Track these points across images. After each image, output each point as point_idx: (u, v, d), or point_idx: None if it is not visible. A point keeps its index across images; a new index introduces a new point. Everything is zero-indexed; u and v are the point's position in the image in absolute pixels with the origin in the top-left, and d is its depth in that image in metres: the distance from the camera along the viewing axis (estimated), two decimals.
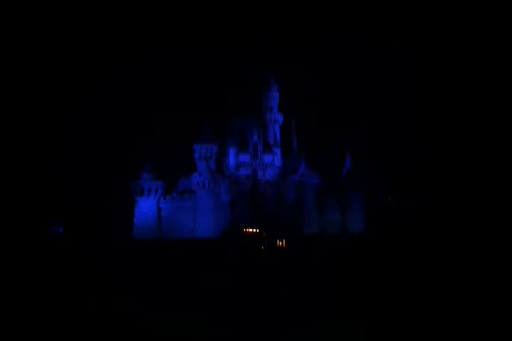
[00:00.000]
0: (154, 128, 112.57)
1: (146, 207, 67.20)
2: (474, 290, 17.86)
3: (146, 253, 45.42)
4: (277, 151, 73.31)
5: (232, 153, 71.67)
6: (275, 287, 20.07)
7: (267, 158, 72.06)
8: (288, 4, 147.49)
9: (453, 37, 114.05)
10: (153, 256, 42.85)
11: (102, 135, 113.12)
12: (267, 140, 73.41)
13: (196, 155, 74.95)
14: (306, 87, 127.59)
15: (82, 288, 20.03)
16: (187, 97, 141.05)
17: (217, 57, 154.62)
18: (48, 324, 12.97)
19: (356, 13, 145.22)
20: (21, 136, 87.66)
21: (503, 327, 11.59)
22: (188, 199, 67.38)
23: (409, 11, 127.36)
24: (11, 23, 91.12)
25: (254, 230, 48.18)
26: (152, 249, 48.90)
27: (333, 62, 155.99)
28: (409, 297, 16.59)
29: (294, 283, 21.41)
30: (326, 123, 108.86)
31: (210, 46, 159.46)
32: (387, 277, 23.22)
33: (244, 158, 71.44)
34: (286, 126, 78.66)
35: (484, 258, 31.96)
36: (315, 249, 48.63)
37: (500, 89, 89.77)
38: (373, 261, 33.21)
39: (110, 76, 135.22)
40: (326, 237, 60.02)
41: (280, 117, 76.14)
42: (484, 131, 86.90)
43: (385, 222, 67.44)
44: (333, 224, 68.16)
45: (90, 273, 26.23)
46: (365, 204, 71.28)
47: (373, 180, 74.51)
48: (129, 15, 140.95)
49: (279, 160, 72.87)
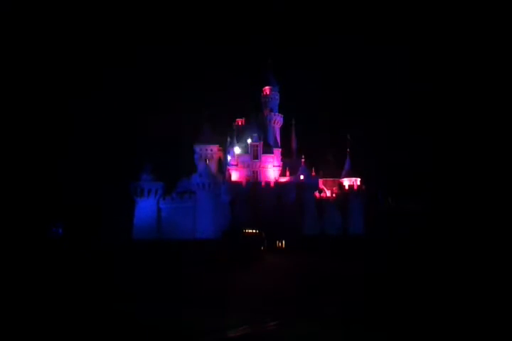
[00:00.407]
0: (154, 129, 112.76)
1: (146, 208, 67.21)
2: (475, 290, 17.88)
3: (146, 253, 45.45)
4: (277, 152, 73.32)
5: (232, 153, 71.70)
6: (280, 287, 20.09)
7: (267, 159, 72.11)
8: (288, 4, 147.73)
9: (453, 37, 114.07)
10: (153, 256, 42.88)
11: (102, 135, 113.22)
12: (266, 140, 73.43)
13: (196, 156, 75.06)
14: (306, 88, 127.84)
15: (81, 288, 20.05)
16: (187, 97, 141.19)
17: (217, 57, 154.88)
18: (48, 324, 13.00)
19: (356, 13, 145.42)
20: (21, 136, 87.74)
21: (503, 327, 11.62)
22: (187, 200, 67.41)
23: (410, 10, 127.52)
24: (11, 23, 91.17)
25: (254, 231, 48.05)
26: (152, 250, 48.93)
27: (334, 62, 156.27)
28: (413, 298, 16.62)
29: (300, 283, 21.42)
30: (325, 123, 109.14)
31: (210, 46, 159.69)
32: (388, 278, 23.26)
33: (244, 158, 71.46)
34: (286, 126, 78.85)
35: (484, 258, 31.99)
36: (315, 250, 48.67)
37: (500, 89, 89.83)
38: (373, 261, 33.26)
39: (110, 76, 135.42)
40: (326, 238, 60.09)
41: (280, 118, 76.20)
42: (484, 131, 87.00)
43: (385, 223, 67.52)
44: (332, 225, 68.24)
45: (90, 274, 26.25)
46: (365, 205, 71.36)
47: (373, 181, 74.65)
48: (129, 14, 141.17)
49: (278, 161, 72.90)
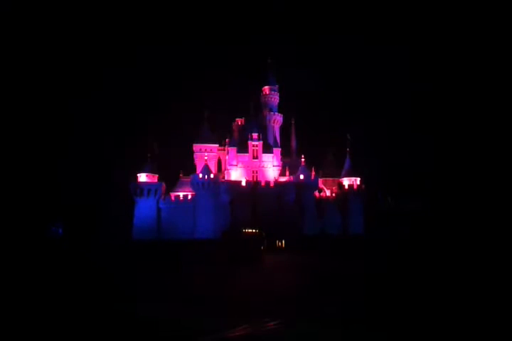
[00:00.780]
0: (154, 129, 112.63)
1: (146, 208, 67.15)
2: (475, 290, 17.86)
3: (146, 253, 45.40)
4: (277, 151, 73.26)
5: (231, 153, 71.63)
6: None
7: (267, 158, 72.07)
8: (288, 4, 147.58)
9: (453, 36, 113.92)
10: (153, 256, 42.84)
11: (102, 135, 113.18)
12: (266, 140, 73.35)
13: (196, 156, 74.98)
14: (306, 87, 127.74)
15: (81, 288, 20.02)
16: (187, 97, 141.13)
17: (217, 57, 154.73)
18: (48, 323, 12.96)
19: (355, 12, 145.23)
20: (21, 136, 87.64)
21: (503, 327, 11.60)
22: (187, 199, 67.42)
23: (410, 9, 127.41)
24: (11, 23, 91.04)
25: (254, 231, 48.06)
26: (151, 250, 48.88)
27: (333, 61, 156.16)
28: (412, 297, 16.60)
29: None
30: (325, 123, 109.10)
31: (210, 46, 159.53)
32: (388, 277, 23.24)
33: (244, 158, 71.42)
34: (285, 126, 78.78)
35: (484, 258, 31.96)
36: (315, 249, 48.66)
37: (500, 89, 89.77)
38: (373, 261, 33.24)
39: (110, 76, 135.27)
40: (326, 237, 60.06)
41: (280, 117, 76.15)
42: (484, 130, 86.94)
43: (385, 223, 67.48)
44: (332, 225, 68.20)
45: (89, 274, 26.21)
46: (365, 204, 71.30)
47: (373, 180, 74.58)
48: (128, 13, 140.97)
49: (278, 161, 72.85)
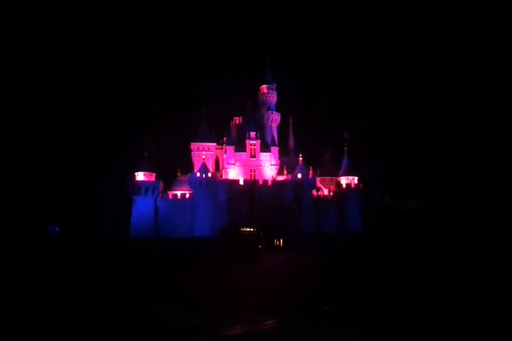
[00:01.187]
0: (152, 127, 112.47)
1: (143, 207, 66.98)
2: (475, 289, 17.88)
3: (143, 252, 45.31)
4: (274, 150, 73.28)
5: (229, 151, 71.58)
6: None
7: (264, 157, 72.08)
8: (288, 4, 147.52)
9: (453, 35, 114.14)
10: (150, 255, 42.77)
11: (99, 133, 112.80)
12: (264, 139, 73.35)
13: (193, 154, 74.84)
14: (303, 86, 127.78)
15: (78, 286, 19.95)
16: (184, 96, 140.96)
17: (215, 55, 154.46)
18: (46, 322, 12.90)
19: (355, 11, 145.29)
20: (15, 134, 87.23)
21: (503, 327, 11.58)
22: (185, 198, 67.31)
23: (410, 9, 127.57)
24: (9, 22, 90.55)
25: (252, 229, 48.09)
26: (149, 248, 48.78)
27: (331, 60, 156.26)
28: (412, 296, 16.60)
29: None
30: (323, 122, 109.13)
31: (208, 45, 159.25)
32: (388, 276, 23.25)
33: (242, 156, 71.41)
34: (283, 125, 78.75)
35: (483, 257, 32.04)
36: (313, 248, 48.69)
37: (499, 90, 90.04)
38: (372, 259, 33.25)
39: (108, 74, 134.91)
40: (324, 236, 60.10)
41: (277, 116, 76.14)
42: (484, 129, 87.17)
43: (383, 222, 67.58)
44: (330, 224, 68.23)
45: (87, 273, 26.12)
46: (363, 203, 71.38)
47: (370, 179, 74.65)
48: (126, 10, 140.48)
49: (276, 159, 72.86)
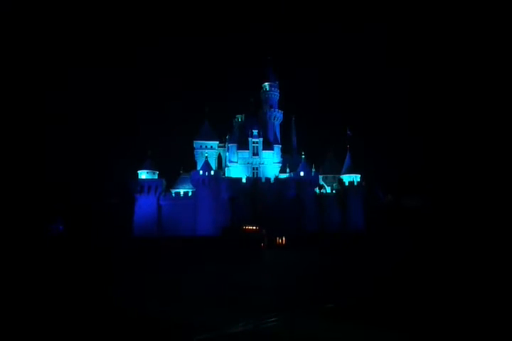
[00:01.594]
0: (154, 125, 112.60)
1: (146, 205, 67.19)
2: (475, 289, 17.86)
3: (146, 250, 45.48)
4: (277, 148, 73.27)
5: (232, 149, 71.64)
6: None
7: (267, 155, 72.10)
8: (288, 4, 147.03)
9: (453, 35, 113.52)
10: (154, 253, 42.93)
11: (103, 132, 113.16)
12: (266, 137, 73.35)
13: (196, 152, 75.00)
14: (306, 84, 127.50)
15: (82, 284, 20.07)
16: (187, 94, 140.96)
17: (218, 54, 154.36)
18: (48, 320, 13.00)
19: (355, 11, 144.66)
20: (19, 134, 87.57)
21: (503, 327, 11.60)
22: (187, 196, 67.46)
23: (411, 8, 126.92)
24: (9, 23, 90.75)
25: (254, 227, 48.12)
26: (152, 247, 48.96)
27: (334, 59, 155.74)
28: (412, 295, 16.61)
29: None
30: (325, 120, 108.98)
31: (211, 43, 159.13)
32: (388, 275, 23.27)
33: (244, 154, 71.45)
34: (286, 122, 78.76)
35: (483, 256, 31.97)
36: (315, 246, 48.69)
37: (499, 90, 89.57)
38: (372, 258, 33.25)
39: (110, 73, 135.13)
40: (326, 234, 60.10)
41: (280, 114, 76.13)
42: (485, 127, 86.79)
43: (385, 220, 67.50)
44: (332, 222, 68.23)
45: (90, 271, 26.26)
46: (365, 201, 71.32)
47: (373, 177, 74.56)
48: (127, 12, 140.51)
49: (278, 157, 72.87)
